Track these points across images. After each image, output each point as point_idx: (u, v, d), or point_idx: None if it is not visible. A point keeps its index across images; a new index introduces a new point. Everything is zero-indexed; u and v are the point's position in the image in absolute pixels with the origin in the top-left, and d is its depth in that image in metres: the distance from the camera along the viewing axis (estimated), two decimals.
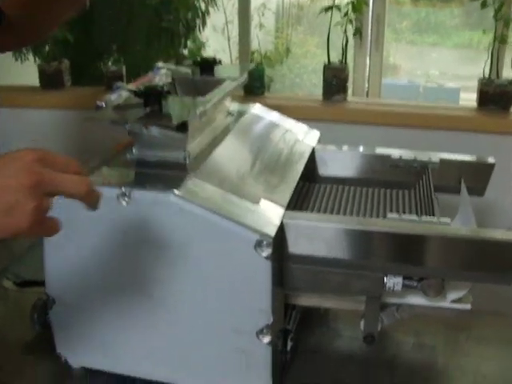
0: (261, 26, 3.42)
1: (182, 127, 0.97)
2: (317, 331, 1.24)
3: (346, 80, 1.75)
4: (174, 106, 1.03)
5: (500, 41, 1.62)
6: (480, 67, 1.70)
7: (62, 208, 0.76)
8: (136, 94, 1.01)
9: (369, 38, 2.19)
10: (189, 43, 2.39)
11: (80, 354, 1.08)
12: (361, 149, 1.30)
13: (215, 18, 2.82)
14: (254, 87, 1.78)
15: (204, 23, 2.27)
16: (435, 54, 5.12)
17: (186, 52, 2.33)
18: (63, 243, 0.98)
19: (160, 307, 0.99)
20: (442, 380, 1.13)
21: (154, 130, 0.98)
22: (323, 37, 1.87)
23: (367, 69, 2.24)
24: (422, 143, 1.35)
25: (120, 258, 0.98)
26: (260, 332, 0.96)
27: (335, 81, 1.74)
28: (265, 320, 0.95)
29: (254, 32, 2.90)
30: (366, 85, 2.27)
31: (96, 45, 2.14)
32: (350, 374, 1.12)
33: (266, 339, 0.97)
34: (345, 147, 1.31)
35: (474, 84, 1.79)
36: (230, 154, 1.12)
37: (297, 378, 1.10)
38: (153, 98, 1.00)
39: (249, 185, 1.03)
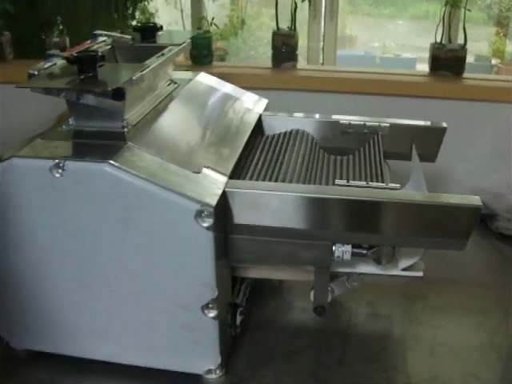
0: None
1: (119, 94, 0.92)
2: (270, 304, 1.21)
3: (295, 47, 1.71)
4: (110, 72, 0.98)
5: (452, 4, 1.59)
6: (434, 38, 1.67)
7: None
8: (69, 60, 0.95)
9: (323, 8, 2.16)
10: (138, 15, 2.33)
11: (21, 337, 1.04)
12: (309, 115, 1.26)
13: None
14: (202, 56, 1.73)
15: None
16: (392, 25, 5.12)
17: (134, 23, 2.26)
18: None
19: (101, 284, 0.95)
20: (397, 349, 1.11)
21: (90, 98, 0.93)
22: (279, 9, 1.82)
23: (321, 39, 2.20)
24: (375, 110, 1.33)
25: (56, 233, 0.93)
26: (205, 307, 0.93)
27: (284, 48, 1.70)
28: (209, 294, 0.92)
29: (208, 4, 2.83)
30: (321, 56, 2.24)
31: (40, 16, 2.06)
32: (302, 345, 1.10)
33: (212, 314, 0.93)
34: (293, 114, 1.27)
35: None
36: (173, 123, 1.07)
37: (247, 353, 1.07)
38: (87, 64, 0.94)
39: (191, 154, 0.99)
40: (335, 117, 1.24)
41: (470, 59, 3.47)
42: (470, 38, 1.67)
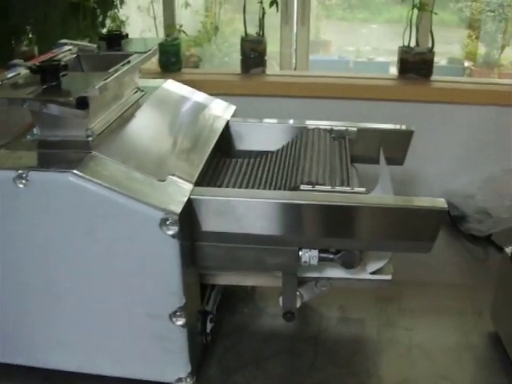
0: (187, 4, 3.36)
1: (82, 103, 0.92)
2: (242, 310, 1.21)
3: (263, 53, 1.71)
4: (73, 81, 0.98)
5: (419, 8, 1.60)
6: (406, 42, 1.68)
7: None
8: (31, 70, 0.95)
9: (295, 13, 2.16)
10: (109, 22, 2.31)
11: None
12: (277, 121, 1.26)
13: None
14: (171, 63, 1.72)
15: (122, 1, 2.19)
16: (366, 29, 5.14)
17: (105, 32, 2.24)
18: None
19: (69, 294, 0.95)
20: (369, 352, 1.11)
21: (53, 108, 0.92)
22: (251, 14, 1.82)
23: (294, 44, 2.20)
24: (345, 114, 1.32)
25: (21, 244, 0.92)
26: (173, 315, 0.92)
27: (253, 54, 1.70)
28: (177, 302, 0.91)
29: (181, 11, 2.83)
30: (294, 60, 2.24)
31: (9, 25, 2.04)
32: (273, 351, 1.10)
33: (180, 322, 0.93)
34: (261, 120, 1.27)
35: None
36: (139, 131, 1.06)
37: (219, 360, 1.07)
38: (49, 73, 0.94)
39: (157, 162, 0.98)
40: (302, 122, 1.24)
41: (442, 62, 3.51)
42: (443, 40, 1.69)
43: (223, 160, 1.19)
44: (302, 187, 0.97)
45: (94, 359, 1.00)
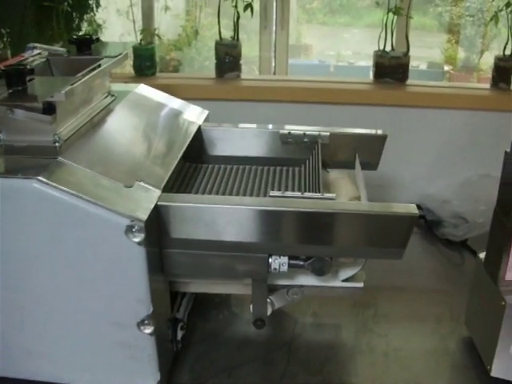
0: (166, 8, 3.34)
1: (49, 109, 0.90)
2: (217, 316, 1.20)
3: (238, 57, 1.70)
4: (40, 85, 0.96)
5: (394, 12, 1.60)
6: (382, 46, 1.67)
7: None
8: None
9: (274, 17, 2.15)
10: (85, 26, 2.29)
11: None
12: (250, 126, 1.25)
13: (120, 1, 2.71)
14: (145, 67, 1.70)
15: (98, 4, 2.17)
16: (347, 34, 5.14)
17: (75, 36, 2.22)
18: None
19: (33, 303, 0.93)
20: (342, 359, 1.10)
21: (19, 113, 0.91)
22: (232, 19, 1.81)
23: (273, 49, 2.20)
24: (320, 118, 1.32)
25: None
26: (141, 323, 0.91)
27: (228, 58, 1.68)
28: (144, 310, 0.90)
29: (160, 14, 2.80)
30: (273, 64, 2.23)
31: None
32: (245, 358, 1.09)
33: (148, 330, 0.91)
34: (234, 125, 1.25)
35: None
36: (108, 136, 1.05)
37: (190, 368, 1.06)
38: (15, 78, 0.92)
39: (125, 167, 0.97)
40: (275, 126, 1.23)
41: (422, 66, 3.51)
42: (423, 45, 1.69)
43: (194, 166, 1.17)
44: (272, 193, 0.96)
45: (63, 369, 0.98)
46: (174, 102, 1.28)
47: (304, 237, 0.93)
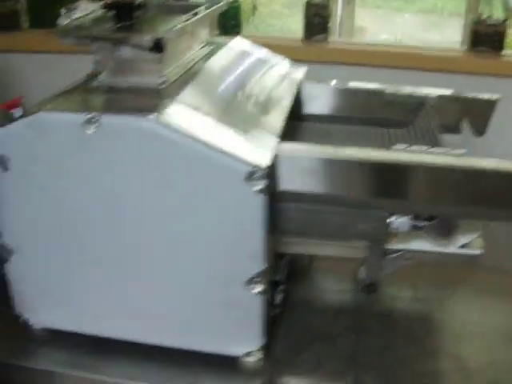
0: None
1: (158, 46, 0.84)
2: (302, 284, 1.13)
3: (328, 19, 1.62)
4: (147, 22, 0.90)
5: None
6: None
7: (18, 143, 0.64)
8: (106, 5, 0.86)
9: None
10: None
11: (42, 314, 0.94)
12: (351, 85, 1.18)
13: None
14: (229, 26, 1.64)
15: None
16: (399, 18, 5.12)
17: None
18: (24, 183, 0.84)
19: (133, 256, 0.86)
20: (446, 334, 1.02)
21: (125, 50, 0.84)
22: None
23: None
24: (411, 85, 1.24)
25: (86, 197, 0.84)
26: (250, 281, 0.84)
27: (317, 19, 1.60)
28: (256, 267, 0.83)
29: None
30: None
31: None
32: (343, 327, 1.01)
33: (257, 289, 0.84)
34: (334, 83, 1.18)
35: None
36: (212, 83, 0.98)
37: (287, 333, 0.99)
38: (125, 11, 0.86)
39: (235, 114, 0.90)
40: (379, 86, 1.16)
41: None
42: None
43: (293, 123, 1.10)
44: (396, 147, 0.88)
45: (155, 329, 0.91)
46: (273, 57, 1.22)
47: (432, 195, 0.85)
